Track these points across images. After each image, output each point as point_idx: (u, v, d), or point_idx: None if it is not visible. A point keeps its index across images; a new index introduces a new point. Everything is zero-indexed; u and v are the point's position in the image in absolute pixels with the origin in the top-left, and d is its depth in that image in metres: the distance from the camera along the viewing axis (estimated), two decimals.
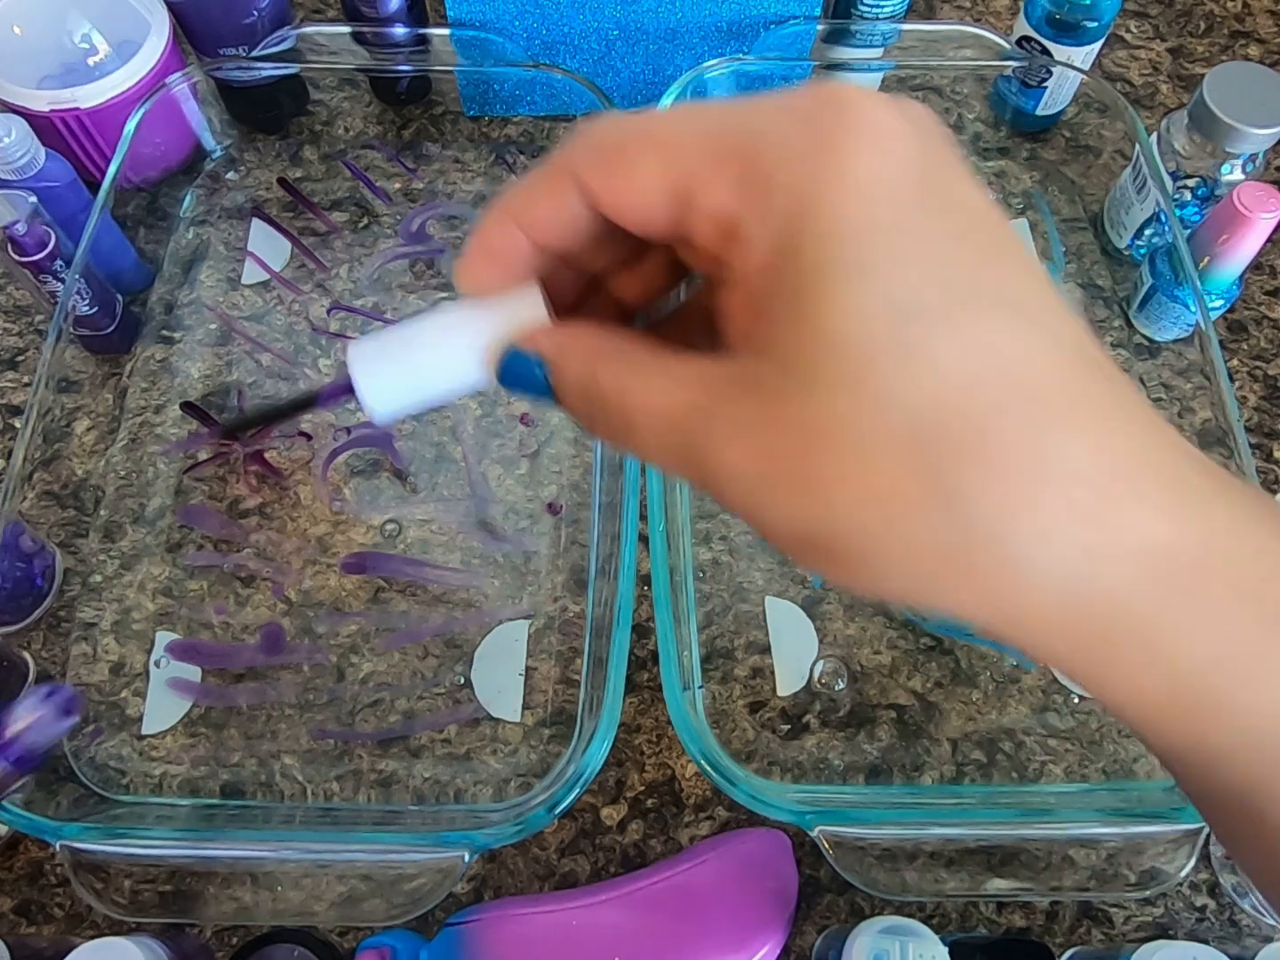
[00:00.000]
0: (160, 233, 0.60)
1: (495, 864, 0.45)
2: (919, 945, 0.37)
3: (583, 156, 0.21)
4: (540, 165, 0.22)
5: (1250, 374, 0.57)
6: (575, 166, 0.21)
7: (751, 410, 0.18)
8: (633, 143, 0.20)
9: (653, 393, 0.20)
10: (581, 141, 0.21)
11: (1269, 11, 0.70)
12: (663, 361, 0.20)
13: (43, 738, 0.25)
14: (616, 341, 0.22)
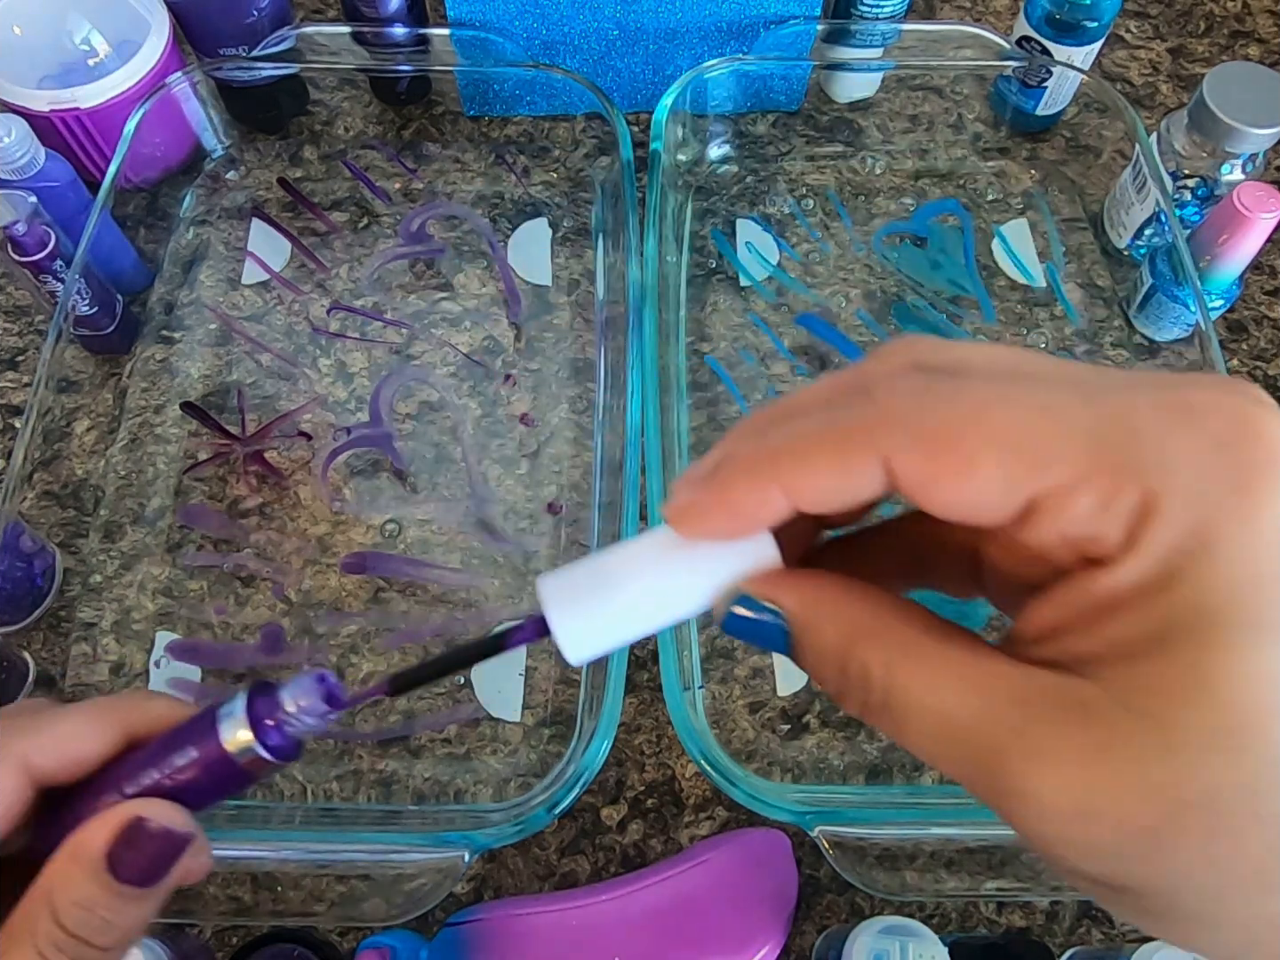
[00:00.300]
0: (160, 233, 0.60)
1: (495, 864, 0.45)
2: (919, 945, 0.37)
3: (897, 437, 0.18)
4: (815, 421, 0.19)
5: (1250, 374, 0.57)
6: (884, 446, 0.18)
7: (1081, 742, 0.16)
8: (969, 433, 0.17)
9: (939, 693, 0.18)
10: (891, 415, 0.18)
11: (1269, 11, 0.70)
12: (948, 654, 0.18)
13: (308, 728, 0.24)
14: (877, 610, 0.19)
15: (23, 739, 0.23)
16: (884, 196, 0.62)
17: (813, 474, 0.18)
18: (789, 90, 0.63)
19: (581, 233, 0.60)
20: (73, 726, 0.24)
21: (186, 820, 0.23)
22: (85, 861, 0.22)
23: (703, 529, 0.20)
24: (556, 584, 0.21)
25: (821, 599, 0.20)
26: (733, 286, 0.58)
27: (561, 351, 0.56)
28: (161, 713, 0.25)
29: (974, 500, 0.17)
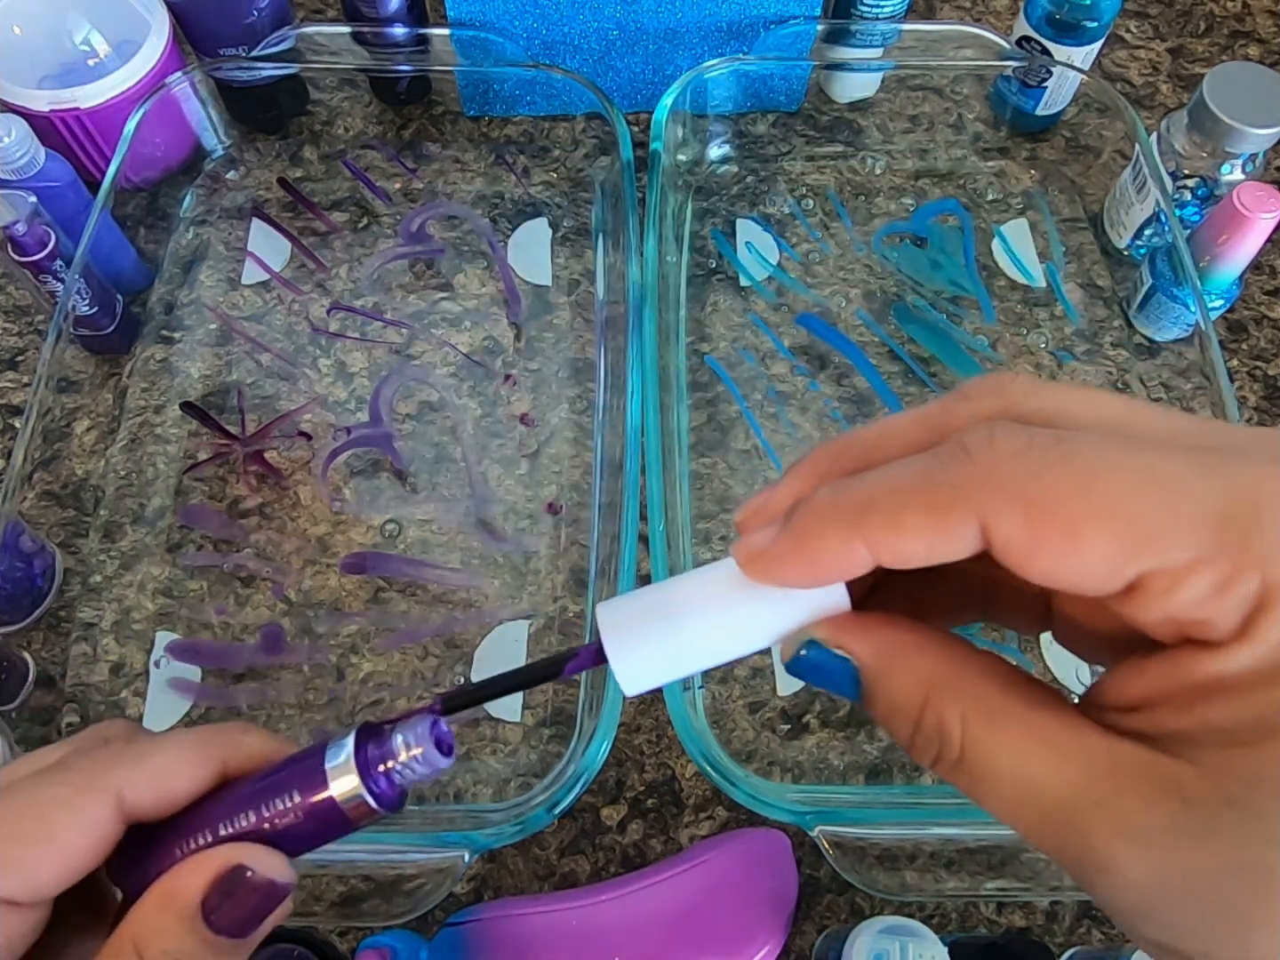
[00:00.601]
0: (160, 233, 0.60)
1: (495, 864, 0.45)
2: (919, 945, 0.37)
3: (999, 502, 0.17)
4: (906, 474, 0.18)
5: (1250, 374, 0.57)
6: (983, 510, 0.17)
7: (1175, 825, 0.16)
8: (1078, 503, 0.16)
9: (1021, 757, 0.17)
10: (991, 476, 0.17)
11: (1269, 11, 0.70)
12: (1031, 716, 0.18)
13: (418, 777, 0.22)
14: (956, 662, 0.19)
15: (117, 771, 0.22)
16: (884, 196, 0.62)
17: (903, 533, 0.18)
18: (789, 90, 0.63)
19: (581, 233, 0.60)
20: (168, 760, 0.22)
21: (288, 870, 0.22)
22: (178, 909, 0.21)
23: (777, 577, 0.19)
24: (616, 613, 0.21)
25: (896, 648, 0.19)
26: (733, 286, 0.58)
27: (561, 351, 0.56)
28: (256, 748, 0.23)
29: (1077, 573, 0.17)
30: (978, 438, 0.17)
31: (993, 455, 0.17)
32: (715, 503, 0.52)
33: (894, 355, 0.56)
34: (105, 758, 0.22)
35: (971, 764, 0.18)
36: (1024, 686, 0.18)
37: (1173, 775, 0.16)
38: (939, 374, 0.56)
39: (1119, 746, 0.17)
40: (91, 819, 0.21)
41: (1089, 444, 0.17)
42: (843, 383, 0.55)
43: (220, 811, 0.22)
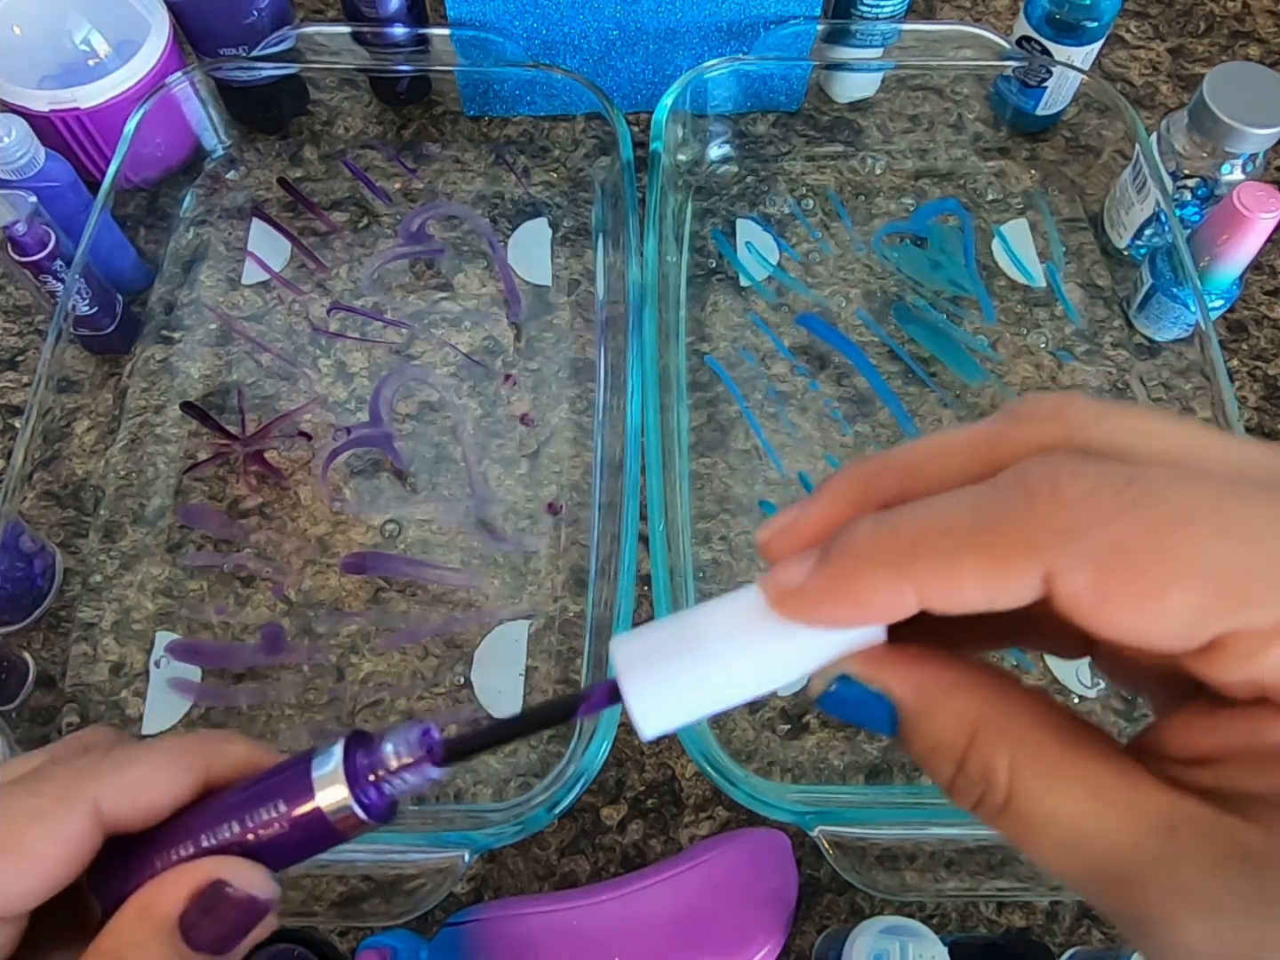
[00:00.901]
0: (160, 233, 0.60)
1: (495, 864, 0.45)
2: (919, 945, 0.37)
3: (1067, 553, 0.15)
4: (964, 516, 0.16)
5: (1250, 374, 0.57)
6: (1049, 560, 0.15)
7: (1245, 894, 0.15)
8: (1157, 558, 0.15)
9: (1072, 808, 0.16)
10: (1059, 524, 0.15)
11: (1269, 11, 0.70)
12: (1084, 763, 0.16)
13: (409, 787, 0.21)
14: (1002, 703, 0.17)
15: (95, 782, 0.21)
16: (884, 196, 0.62)
17: (959, 580, 0.16)
18: (789, 90, 0.63)
19: (581, 233, 0.60)
20: (148, 770, 0.22)
21: (269, 885, 0.21)
22: (156, 923, 0.20)
23: (812, 617, 0.18)
24: (632, 649, 0.19)
25: (939, 685, 0.18)
26: (733, 286, 0.58)
27: (561, 351, 0.56)
28: (241, 757, 0.23)
29: (1151, 633, 0.15)
30: (1041, 476, 0.16)
31: (1059, 498, 0.16)
32: (715, 503, 0.52)
33: (894, 355, 0.56)
34: (83, 767, 0.22)
35: (1018, 812, 0.17)
36: (1075, 730, 0.17)
37: (1240, 838, 0.15)
38: (939, 374, 0.56)
39: (1181, 803, 0.16)
40: (67, 831, 0.20)
41: (1164, 487, 0.15)
42: (843, 383, 0.55)
43: (203, 822, 0.21)
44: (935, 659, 0.18)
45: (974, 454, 0.18)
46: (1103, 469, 0.16)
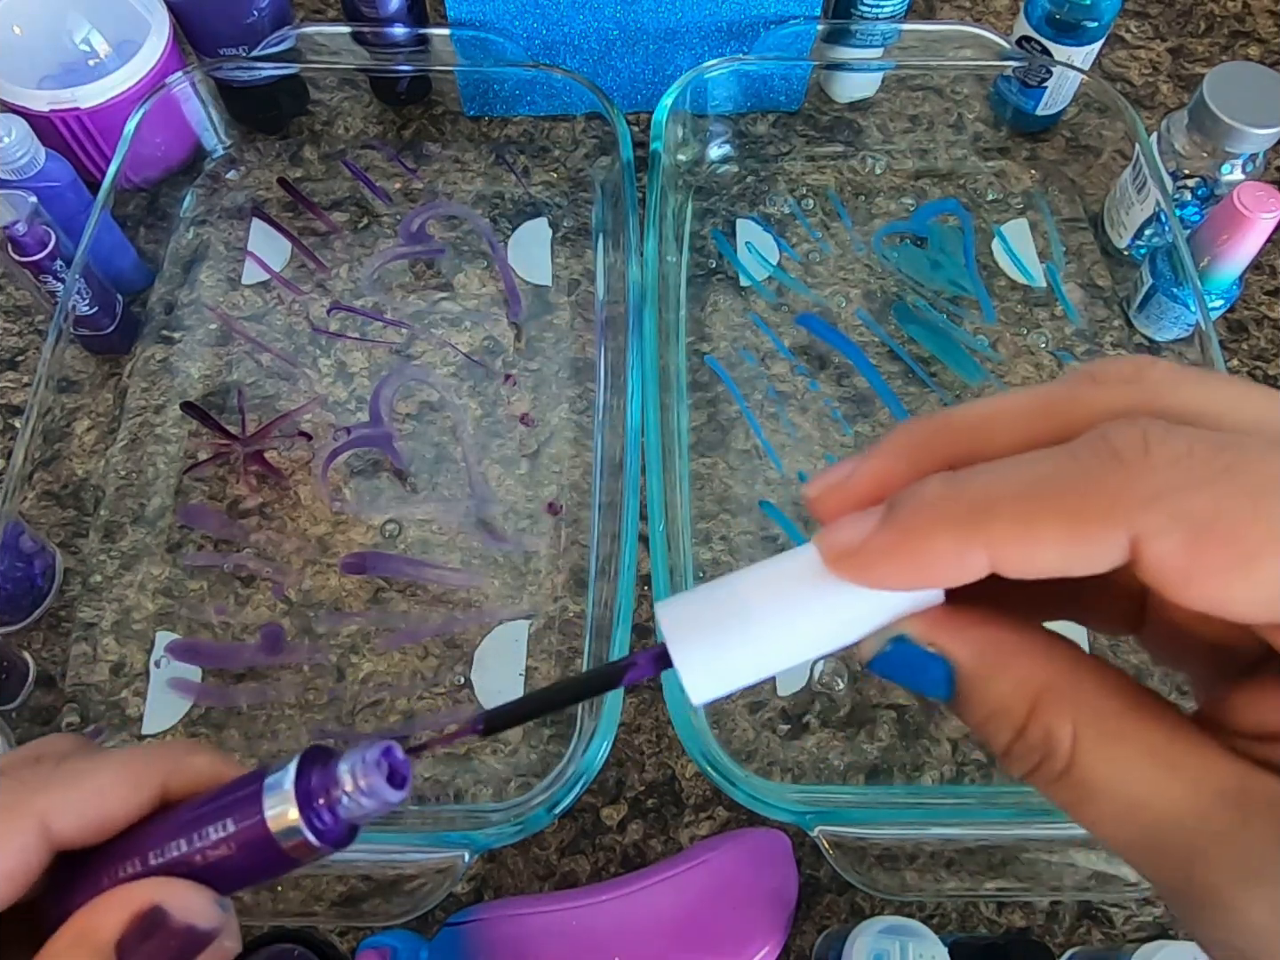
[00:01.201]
0: (160, 233, 0.60)
1: (495, 864, 0.45)
2: (919, 945, 0.37)
3: (1157, 517, 0.15)
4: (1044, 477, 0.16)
5: (1250, 374, 0.57)
6: (1138, 524, 0.15)
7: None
8: (1252, 529, 0.14)
9: (1135, 776, 0.16)
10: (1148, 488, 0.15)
11: (1269, 11, 0.70)
12: (1149, 732, 0.16)
13: (365, 811, 0.20)
14: (1067, 668, 0.17)
15: (44, 795, 0.20)
16: (884, 196, 0.62)
17: (1038, 543, 0.15)
18: (789, 90, 0.63)
19: (581, 233, 0.60)
20: (102, 783, 0.20)
21: (212, 912, 0.20)
22: (92, 948, 0.19)
23: (873, 578, 0.17)
24: (680, 613, 0.19)
25: (1000, 649, 0.17)
26: (733, 286, 0.58)
27: (561, 351, 0.56)
28: (201, 771, 0.22)
29: (1242, 603, 0.15)
30: (1128, 438, 0.15)
31: (1148, 461, 0.15)
32: (715, 503, 0.52)
33: (894, 355, 0.56)
34: (31, 780, 0.20)
35: (1079, 779, 0.16)
36: (1141, 697, 0.17)
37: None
38: (939, 374, 0.56)
39: (1251, 776, 0.15)
40: (12, 847, 0.19)
41: (1258, 454, 0.15)
42: (843, 383, 0.55)
43: (151, 839, 0.20)
44: (997, 622, 0.17)
45: (1047, 415, 0.17)
46: (1193, 434, 0.15)
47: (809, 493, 0.19)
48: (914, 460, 0.18)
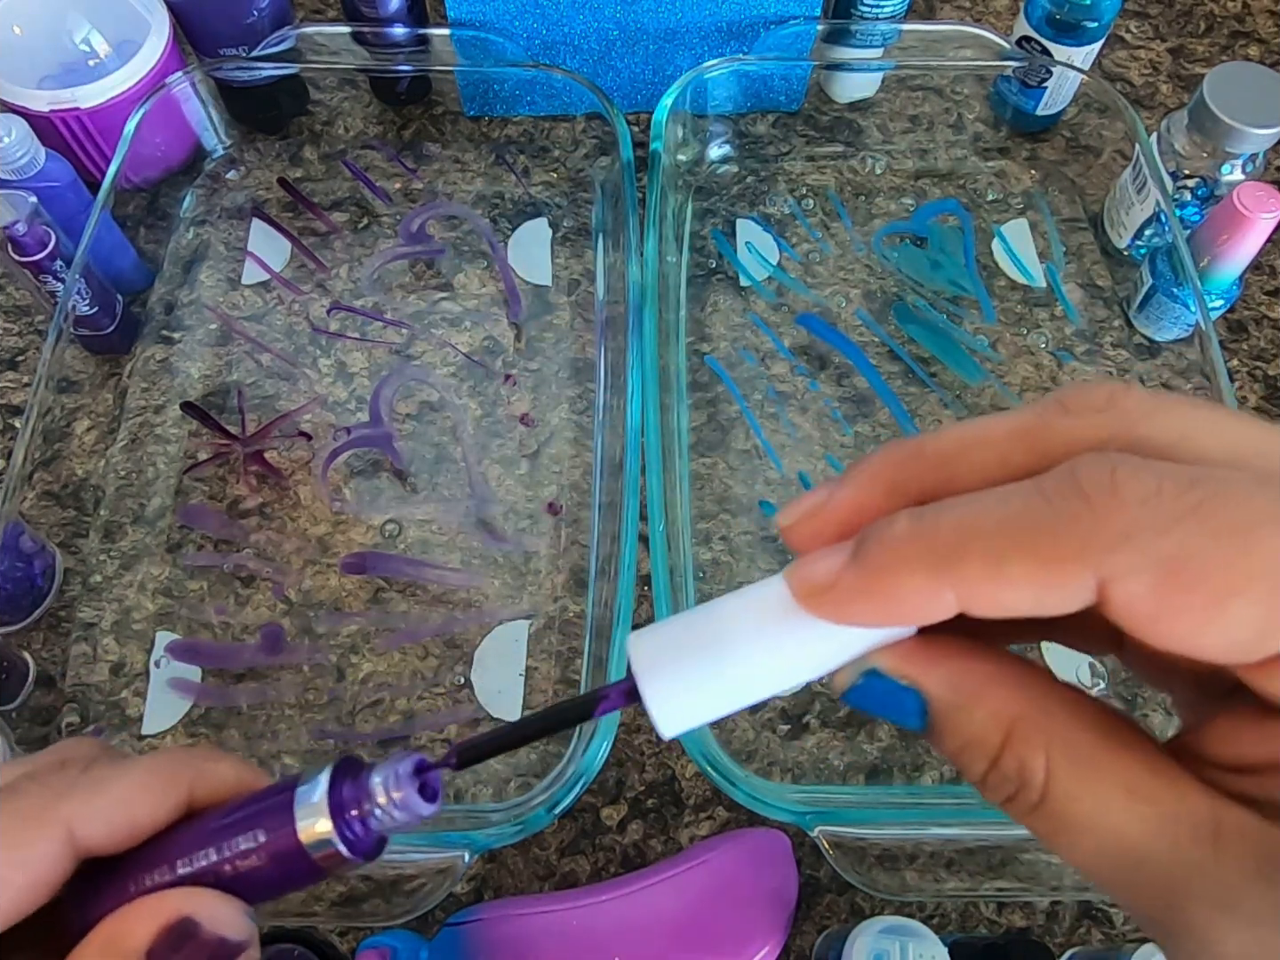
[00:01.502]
0: (160, 233, 0.60)
1: (495, 864, 0.45)
2: (919, 945, 0.37)
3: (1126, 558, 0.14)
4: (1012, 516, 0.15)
5: (1250, 374, 0.57)
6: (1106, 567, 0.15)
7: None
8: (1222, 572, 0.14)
9: (1110, 809, 0.16)
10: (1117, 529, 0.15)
11: (1269, 11, 0.70)
12: (1124, 764, 0.16)
13: (397, 824, 0.20)
14: (1039, 699, 0.17)
15: (69, 802, 0.20)
16: (884, 196, 0.62)
17: (1007, 585, 0.15)
18: (789, 90, 0.63)
19: (581, 233, 0.60)
20: (128, 790, 0.20)
21: (242, 923, 0.20)
22: (121, 958, 0.19)
23: (843, 616, 0.17)
24: (649, 646, 0.19)
25: (973, 680, 0.17)
26: (733, 286, 0.58)
27: (561, 351, 0.56)
28: (226, 778, 0.22)
29: (1212, 646, 0.15)
30: (1096, 475, 0.15)
31: (1117, 500, 0.15)
32: (715, 503, 0.52)
33: (894, 355, 0.56)
34: (57, 786, 0.20)
35: (1053, 812, 0.16)
36: (1115, 728, 0.17)
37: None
38: (939, 374, 0.56)
39: (1226, 810, 0.15)
40: (37, 854, 0.19)
41: (1229, 491, 0.14)
42: (843, 383, 0.55)
43: (180, 848, 0.20)
44: (969, 652, 0.17)
45: (1019, 446, 0.17)
46: (1163, 469, 0.15)
47: (782, 522, 0.18)
48: (887, 489, 0.18)
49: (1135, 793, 0.16)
